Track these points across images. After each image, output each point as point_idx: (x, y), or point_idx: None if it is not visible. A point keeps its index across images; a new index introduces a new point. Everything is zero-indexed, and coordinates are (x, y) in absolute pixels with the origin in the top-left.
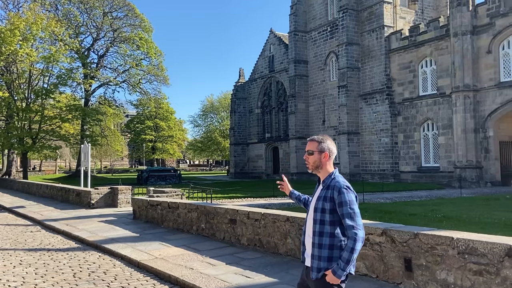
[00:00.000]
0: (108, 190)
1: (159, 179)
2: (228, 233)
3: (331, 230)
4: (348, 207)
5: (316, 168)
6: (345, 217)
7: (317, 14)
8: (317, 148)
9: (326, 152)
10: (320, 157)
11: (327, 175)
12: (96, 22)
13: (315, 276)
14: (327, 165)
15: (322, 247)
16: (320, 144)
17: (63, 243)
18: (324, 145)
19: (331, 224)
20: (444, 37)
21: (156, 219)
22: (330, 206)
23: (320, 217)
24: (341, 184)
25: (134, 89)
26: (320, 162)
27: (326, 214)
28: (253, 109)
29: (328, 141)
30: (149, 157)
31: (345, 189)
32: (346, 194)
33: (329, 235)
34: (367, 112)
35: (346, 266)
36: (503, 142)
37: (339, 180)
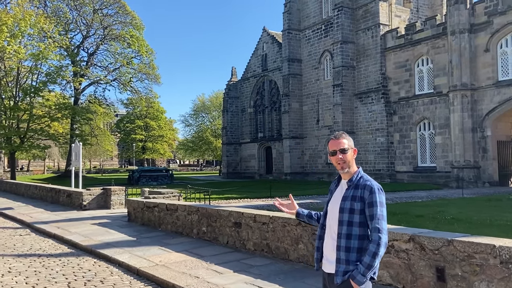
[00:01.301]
0: (101, 191)
1: (150, 179)
2: (232, 237)
3: (360, 232)
4: (378, 208)
5: (347, 167)
6: (373, 219)
7: (311, 12)
8: (349, 144)
9: (354, 149)
10: (352, 154)
11: (354, 173)
12: (86, 19)
13: (340, 280)
14: (353, 162)
15: (351, 250)
16: (349, 140)
17: (55, 247)
18: (351, 141)
19: (361, 226)
20: (441, 36)
21: (153, 222)
22: (360, 206)
23: (348, 218)
24: (373, 183)
25: (125, 88)
26: (350, 160)
27: (355, 215)
28: (245, 108)
29: (348, 136)
30: (139, 157)
31: (377, 190)
32: (378, 194)
33: (358, 238)
34: (362, 111)
35: (367, 271)
36: (500, 142)
37: (369, 179)
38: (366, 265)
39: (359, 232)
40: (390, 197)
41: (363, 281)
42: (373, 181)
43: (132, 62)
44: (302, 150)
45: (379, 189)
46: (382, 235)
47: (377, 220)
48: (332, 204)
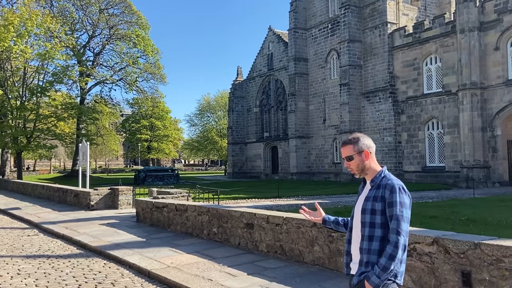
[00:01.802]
0: (108, 191)
1: (156, 179)
2: (244, 238)
3: (382, 233)
4: (398, 208)
5: (362, 171)
6: (392, 219)
7: (318, 11)
8: (354, 150)
9: (365, 151)
10: (361, 159)
11: (376, 174)
12: (92, 19)
13: (356, 280)
14: (371, 164)
15: (371, 252)
16: (355, 145)
17: (64, 248)
18: (360, 143)
19: (383, 227)
20: (449, 34)
21: (162, 222)
22: (381, 207)
23: (370, 219)
24: (394, 182)
25: (130, 88)
26: (364, 164)
27: (377, 215)
28: (251, 108)
29: (362, 138)
30: (145, 156)
31: (398, 189)
32: (399, 194)
33: (380, 239)
34: (369, 110)
35: (382, 273)
36: (511, 141)
37: (391, 178)
38: (382, 267)
39: (381, 234)
40: None
41: (377, 283)
42: (395, 180)
43: (137, 61)
44: (308, 149)
45: (400, 188)
46: (400, 237)
47: (395, 221)
48: (357, 205)
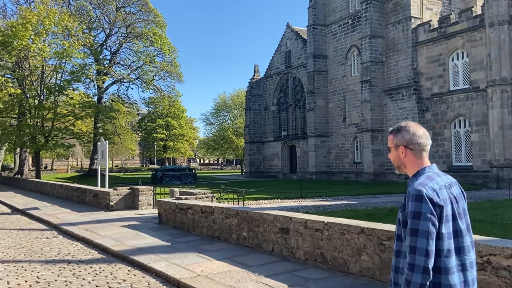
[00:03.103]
0: (128, 191)
1: (174, 178)
2: (279, 244)
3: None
4: (411, 220)
5: (399, 168)
6: (407, 234)
7: (337, 6)
8: (392, 142)
9: (401, 147)
10: (398, 154)
11: (412, 174)
12: (109, 18)
13: None
14: (409, 162)
15: (399, 271)
16: (395, 136)
17: (84, 252)
18: (399, 136)
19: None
20: (477, 28)
21: (186, 225)
22: (403, 217)
23: (397, 232)
24: (413, 187)
25: (147, 86)
26: (401, 160)
27: (403, 227)
28: (268, 106)
29: (406, 130)
30: (161, 155)
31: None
32: (413, 202)
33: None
34: (392, 108)
35: None
36: None
37: (418, 182)
38: None
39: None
40: None
41: None
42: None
43: (154, 60)
44: (328, 148)
45: (415, 195)
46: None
47: (408, 236)
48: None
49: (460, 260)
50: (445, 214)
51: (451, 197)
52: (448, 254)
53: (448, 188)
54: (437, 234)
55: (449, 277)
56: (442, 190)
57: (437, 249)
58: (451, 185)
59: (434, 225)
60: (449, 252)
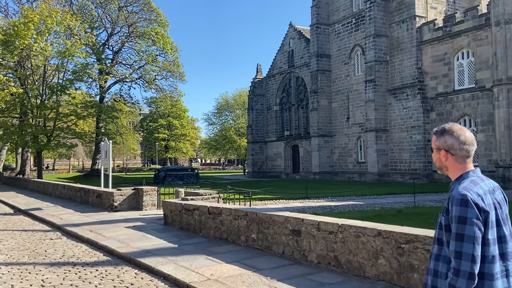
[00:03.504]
0: (132, 191)
1: (176, 179)
2: (290, 246)
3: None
4: (456, 225)
5: (441, 170)
6: (451, 239)
7: (341, 5)
8: (435, 144)
9: (442, 151)
10: (439, 156)
11: (455, 178)
12: (111, 17)
13: None
14: (451, 166)
15: (438, 275)
16: (437, 138)
17: (89, 254)
18: (442, 139)
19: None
20: (483, 27)
21: (192, 226)
22: (445, 221)
23: (438, 235)
24: (458, 192)
25: (149, 86)
26: (442, 163)
27: (444, 231)
28: (271, 106)
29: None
30: (162, 155)
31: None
32: (458, 207)
33: (447, 261)
34: (396, 108)
35: None
36: None
37: (459, 186)
38: None
39: (448, 254)
40: (437, 198)
41: None
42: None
43: (156, 59)
44: (331, 148)
45: (460, 200)
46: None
47: (453, 241)
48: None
49: (504, 266)
50: (490, 220)
51: (495, 202)
52: (492, 260)
53: (492, 193)
54: (483, 239)
55: (493, 283)
56: (487, 196)
57: (482, 255)
58: (494, 190)
59: (480, 230)
60: (494, 258)
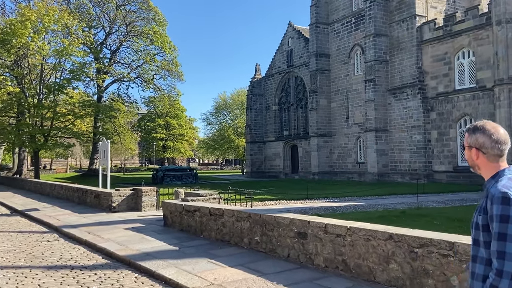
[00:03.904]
0: (131, 191)
1: (175, 179)
2: (295, 250)
3: (486, 255)
4: (499, 223)
5: (473, 168)
6: (493, 239)
7: (340, 4)
8: (467, 141)
9: (474, 149)
10: (470, 154)
11: (490, 176)
12: (109, 16)
13: None
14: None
15: (475, 277)
16: (469, 136)
17: (88, 257)
18: (473, 137)
19: (487, 247)
20: (484, 26)
21: (193, 228)
22: (483, 221)
23: (474, 236)
24: (497, 190)
25: (147, 86)
26: (474, 162)
27: (481, 232)
28: (270, 106)
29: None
30: (160, 155)
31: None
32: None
33: (485, 262)
34: (396, 107)
35: None
36: None
37: (498, 184)
38: None
39: (485, 255)
40: (438, 199)
41: None
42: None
43: (155, 59)
44: (330, 148)
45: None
46: (505, 262)
47: (495, 241)
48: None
49: None
50: None
51: None
52: None
53: None
54: None
55: None
56: None
57: None
58: None
59: None
60: None
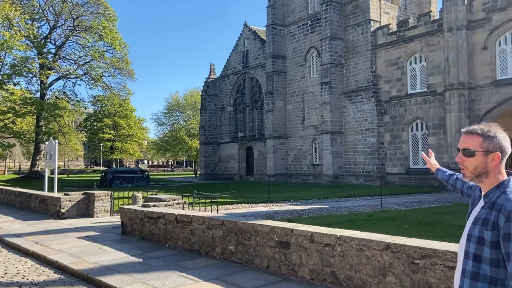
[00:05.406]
0: (82, 196)
1: (125, 181)
2: (276, 260)
3: (492, 273)
4: None
5: (478, 177)
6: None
7: (297, 7)
8: (481, 146)
9: (497, 154)
10: (485, 161)
11: (494, 185)
12: (54, 9)
13: None
14: (495, 171)
15: None
16: (487, 140)
17: (37, 271)
18: (494, 141)
19: (493, 265)
20: (435, 33)
21: (156, 236)
22: (492, 237)
23: (475, 250)
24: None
25: (95, 83)
26: (486, 168)
27: (486, 247)
28: (225, 107)
29: (499, 133)
30: (107, 157)
31: None
32: None
33: (489, 281)
34: (351, 110)
35: None
36: None
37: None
38: None
39: (490, 273)
40: (397, 201)
41: None
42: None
43: (104, 55)
44: (286, 150)
45: None
46: None
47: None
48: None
49: None
50: None
51: None
52: None
53: None
54: None
55: None
56: None
57: None
58: None
59: None
60: None
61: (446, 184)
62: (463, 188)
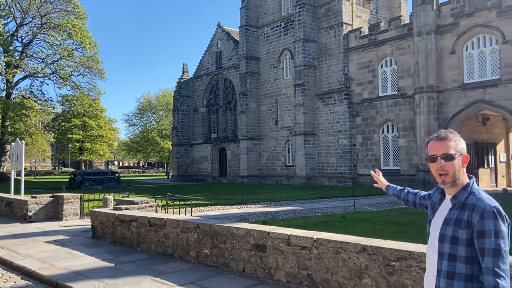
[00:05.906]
0: (50, 198)
1: (95, 183)
2: (251, 263)
3: (467, 271)
4: (493, 239)
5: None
6: (485, 255)
7: (270, 8)
8: (456, 149)
9: (465, 156)
10: (459, 164)
11: (461, 187)
12: (21, 5)
13: None
14: (463, 173)
15: None
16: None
17: (3, 278)
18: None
19: (468, 262)
20: (405, 37)
21: (128, 240)
22: (466, 235)
23: (450, 250)
24: (486, 203)
25: (64, 83)
26: (460, 170)
27: (460, 246)
28: (198, 108)
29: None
30: (76, 158)
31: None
32: (493, 220)
33: (465, 279)
34: (324, 112)
35: None
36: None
37: (482, 197)
38: None
39: (465, 271)
40: (369, 202)
41: None
42: (487, 199)
43: (73, 54)
44: (259, 152)
45: (495, 212)
46: (500, 281)
47: (490, 257)
48: (433, 227)
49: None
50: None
51: None
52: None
53: None
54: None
55: None
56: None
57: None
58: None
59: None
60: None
61: (398, 198)
62: (415, 200)
